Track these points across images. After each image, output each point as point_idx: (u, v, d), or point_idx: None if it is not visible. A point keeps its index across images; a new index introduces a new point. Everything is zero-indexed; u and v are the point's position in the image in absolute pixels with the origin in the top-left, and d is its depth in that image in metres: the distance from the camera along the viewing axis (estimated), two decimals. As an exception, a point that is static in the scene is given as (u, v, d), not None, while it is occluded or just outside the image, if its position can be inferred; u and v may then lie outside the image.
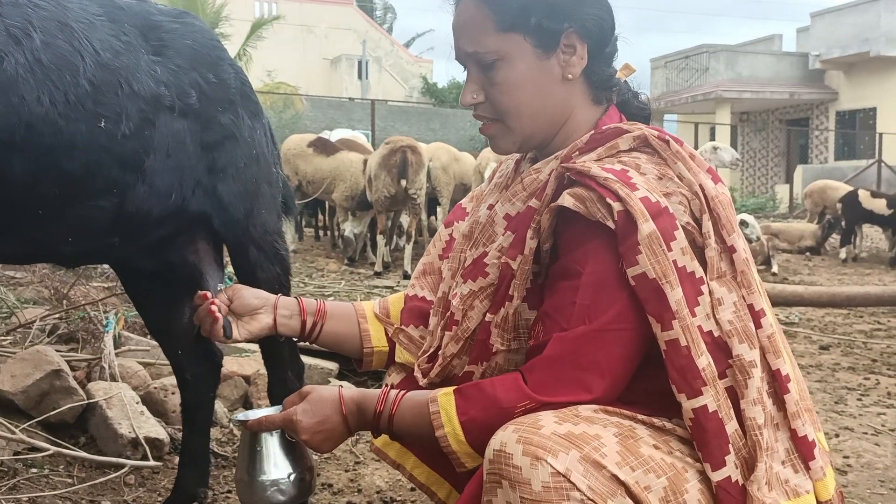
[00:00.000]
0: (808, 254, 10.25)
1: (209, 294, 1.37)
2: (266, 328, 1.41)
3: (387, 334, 1.49)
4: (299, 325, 1.44)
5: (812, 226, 10.89)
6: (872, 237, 11.36)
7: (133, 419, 2.32)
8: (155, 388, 2.63)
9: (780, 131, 24.10)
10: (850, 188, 11.03)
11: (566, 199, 1.16)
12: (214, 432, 2.50)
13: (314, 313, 1.45)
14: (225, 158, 1.64)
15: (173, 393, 2.59)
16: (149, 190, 1.52)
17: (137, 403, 2.44)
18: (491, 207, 1.35)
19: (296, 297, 1.47)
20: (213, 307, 1.34)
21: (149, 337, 3.21)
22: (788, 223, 12.12)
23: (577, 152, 1.24)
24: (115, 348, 2.77)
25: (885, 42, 20.30)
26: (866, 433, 3.00)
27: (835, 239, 10.55)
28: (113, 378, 2.59)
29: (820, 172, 17.83)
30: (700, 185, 1.19)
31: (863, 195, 10.05)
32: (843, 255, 9.90)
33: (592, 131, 1.26)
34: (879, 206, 9.79)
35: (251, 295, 1.41)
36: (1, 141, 1.29)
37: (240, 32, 15.92)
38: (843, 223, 10.08)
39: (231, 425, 2.65)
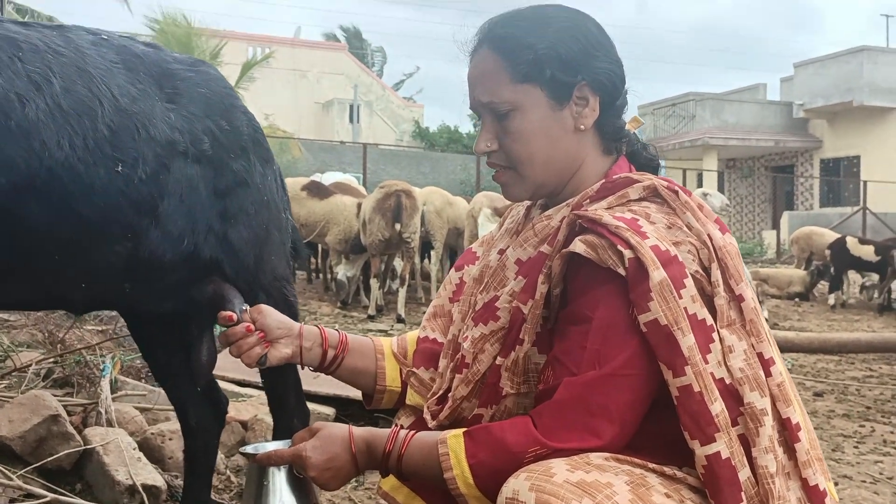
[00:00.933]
0: (797, 299, 10.31)
1: (234, 315, 1.37)
2: (286, 358, 1.40)
3: (401, 374, 1.49)
4: (320, 357, 1.44)
5: (801, 272, 10.98)
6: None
7: (130, 466, 2.29)
8: (152, 433, 2.60)
9: (766, 178, 24.41)
10: (835, 234, 11.18)
11: (578, 246, 1.17)
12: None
13: (336, 346, 1.45)
14: (237, 205, 1.66)
15: (171, 439, 2.57)
16: (162, 235, 1.53)
17: (135, 450, 2.41)
18: (502, 252, 1.37)
19: (318, 327, 1.46)
20: (251, 326, 1.36)
21: (145, 381, 3.19)
22: (777, 269, 12.22)
23: (588, 200, 1.26)
24: (112, 393, 2.74)
25: (869, 92, 20.73)
26: (864, 481, 3.00)
27: (823, 285, 10.64)
28: (110, 423, 2.56)
29: (806, 219, 18.03)
30: (708, 235, 1.21)
31: (851, 242, 10.16)
32: (831, 301, 9.97)
33: (603, 180, 1.29)
34: (867, 252, 9.90)
35: (274, 322, 1.40)
36: (22, 186, 1.30)
37: (232, 76, 16.05)
38: (831, 269, 10.17)
39: (228, 472, 2.63)
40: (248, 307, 1.42)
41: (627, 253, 1.14)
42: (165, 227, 1.53)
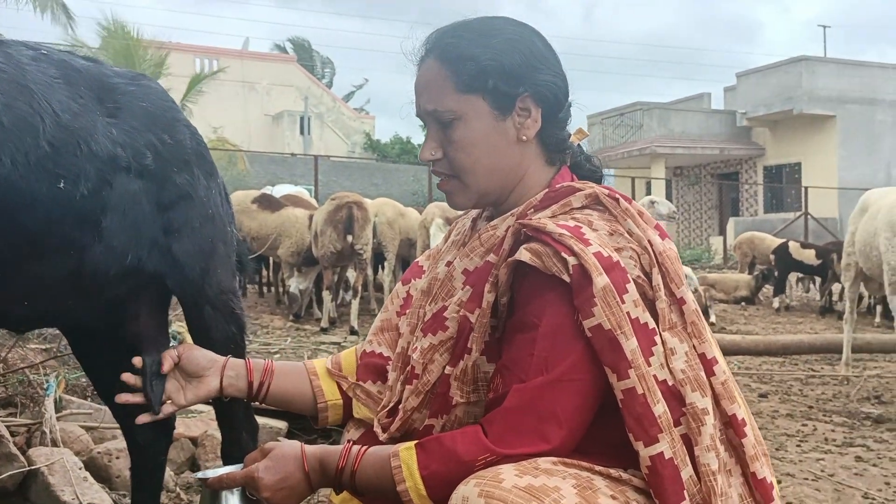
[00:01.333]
0: (743, 303, 10.56)
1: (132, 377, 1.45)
2: (213, 391, 1.44)
3: (340, 389, 1.50)
4: (246, 385, 1.46)
5: (746, 276, 11.26)
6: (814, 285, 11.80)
7: (76, 486, 2.25)
8: (98, 452, 2.56)
9: (713, 185, 24.94)
10: (775, 239, 11.53)
11: (523, 254, 1.19)
12: (161, 497, 2.43)
13: (261, 372, 1.47)
14: (181, 218, 1.65)
15: (118, 458, 2.53)
16: (105, 250, 1.51)
17: (81, 469, 2.36)
18: (449, 264, 1.39)
19: (244, 359, 1.49)
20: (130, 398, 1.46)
21: (90, 400, 3.12)
22: (724, 274, 12.49)
23: (532, 209, 1.29)
24: (57, 412, 2.69)
25: (808, 101, 21.35)
26: (807, 479, 3.08)
27: (768, 289, 10.92)
28: (55, 443, 2.51)
29: (751, 225, 18.47)
30: (649, 241, 1.24)
31: (793, 247, 10.47)
32: (776, 304, 10.23)
33: (546, 189, 1.31)
34: (809, 256, 10.21)
35: (200, 357, 1.44)
36: None
37: (179, 88, 15.86)
38: (775, 273, 10.45)
39: (178, 490, 2.59)
40: (176, 346, 1.46)
41: (571, 260, 1.16)
42: (109, 242, 1.52)
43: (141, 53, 15.40)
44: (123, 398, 1.46)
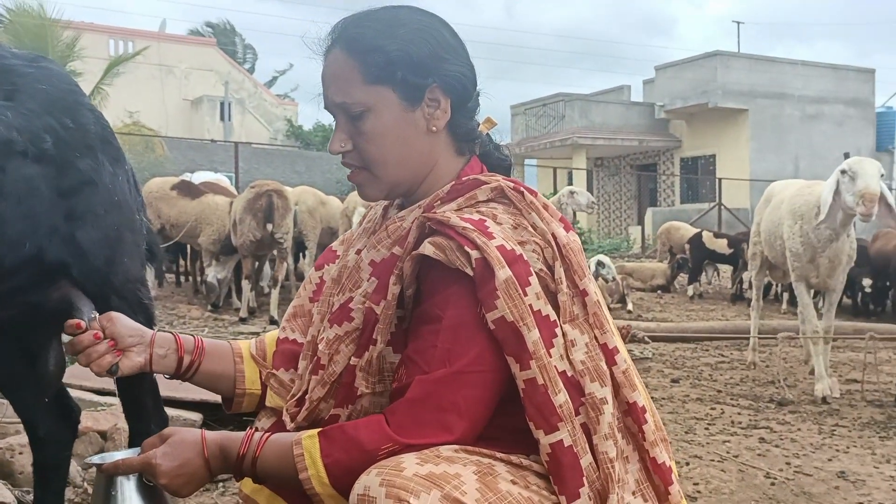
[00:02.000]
0: (659, 291, 10.88)
1: (82, 323, 1.31)
2: (138, 366, 1.37)
3: (261, 377, 1.48)
4: (175, 363, 1.41)
5: (663, 265, 11.61)
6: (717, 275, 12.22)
7: (-25, 483, 2.17)
8: (0, 447, 2.46)
9: (632, 176, 25.56)
10: (692, 229, 11.93)
11: (427, 248, 1.20)
12: (68, 492, 2.37)
13: (192, 351, 1.42)
14: (84, 205, 1.60)
15: (21, 453, 2.44)
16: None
17: (-20, 466, 2.28)
18: (359, 252, 1.39)
19: (172, 333, 1.43)
20: (99, 334, 1.30)
21: (-8, 393, 3.00)
22: (641, 263, 12.83)
23: (439, 202, 1.30)
24: (-46, 407, 2.58)
25: (722, 94, 22.06)
26: (713, 460, 3.21)
27: (683, 277, 11.28)
28: (-48, 439, 2.41)
29: (668, 215, 19.00)
30: (552, 234, 1.26)
31: (706, 236, 10.84)
32: (690, 292, 10.57)
33: (454, 182, 1.33)
34: (721, 245, 10.60)
35: (125, 329, 1.36)
36: None
37: (93, 70, 15.28)
38: (690, 263, 10.80)
39: (85, 485, 2.52)
40: (98, 315, 1.36)
41: (474, 253, 1.17)
42: (3, 231, 1.46)
43: (55, 34, 14.76)
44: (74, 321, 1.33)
